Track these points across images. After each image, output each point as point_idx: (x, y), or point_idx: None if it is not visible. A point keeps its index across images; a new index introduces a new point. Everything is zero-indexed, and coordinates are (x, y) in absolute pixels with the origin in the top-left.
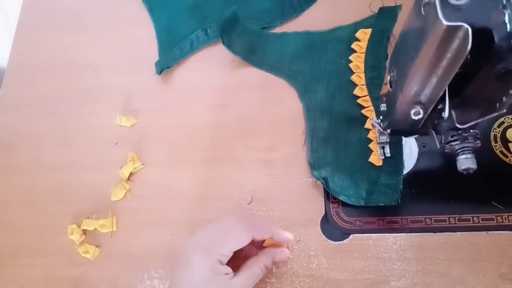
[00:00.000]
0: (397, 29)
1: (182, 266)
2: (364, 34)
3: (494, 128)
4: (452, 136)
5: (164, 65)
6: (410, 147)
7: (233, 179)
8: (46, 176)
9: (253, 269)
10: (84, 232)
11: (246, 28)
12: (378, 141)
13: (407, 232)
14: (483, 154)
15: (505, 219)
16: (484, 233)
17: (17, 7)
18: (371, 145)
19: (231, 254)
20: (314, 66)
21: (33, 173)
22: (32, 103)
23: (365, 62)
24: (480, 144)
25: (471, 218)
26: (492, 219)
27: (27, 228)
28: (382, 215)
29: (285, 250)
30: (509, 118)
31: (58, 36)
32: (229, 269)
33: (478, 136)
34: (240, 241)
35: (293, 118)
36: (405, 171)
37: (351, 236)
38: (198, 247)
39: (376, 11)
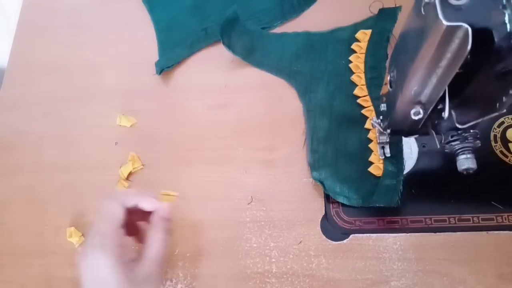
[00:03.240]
0: (397, 29)
1: (86, 269)
2: (364, 35)
3: (494, 128)
4: (452, 136)
5: (164, 65)
6: (410, 147)
7: (233, 179)
8: (46, 176)
9: (154, 245)
10: (83, 234)
11: (246, 28)
12: (378, 141)
13: (407, 232)
14: (483, 154)
15: (505, 219)
16: (484, 233)
17: (17, 7)
18: (371, 145)
19: (119, 232)
20: (314, 67)
21: (33, 173)
22: (32, 103)
23: (365, 62)
24: (480, 144)
25: (471, 218)
26: (492, 219)
27: (27, 228)
28: (382, 215)
29: (166, 204)
30: (509, 118)
31: (58, 36)
32: (133, 255)
33: (478, 136)
34: (117, 216)
35: (293, 118)
36: (405, 171)
37: (351, 236)
38: (87, 245)
39: (376, 12)
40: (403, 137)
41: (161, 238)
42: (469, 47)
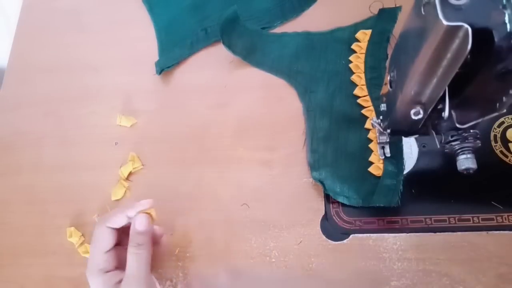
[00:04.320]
0: (397, 29)
1: None
2: (364, 35)
3: (494, 128)
4: (452, 136)
5: (164, 65)
6: (410, 147)
7: (233, 179)
8: (46, 176)
9: (129, 262)
10: (83, 234)
11: (246, 28)
12: (378, 141)
13: (407, 232)
14: (483, 154)
15: (505, 219)
16: (484, 233)
17: (17, 7)
18: (371, 145)
19: (105, 257)
20: (314, 67)
21: (33, 173)
22: (32, 103)
23: (365, 62)
24: (480, 144)
25: (471, 218)
26: (492, 219)
27: (27, 228)
28: (382, 215)
29: (140, 215)
30: (509, 118)
31: (58, 36)
32: (121, 276)
33: (478, 136)
34: (102, 241)
35: (293, 118)
36: (405, 171)
37: (351, 236)
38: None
39: (376, 12)
40: (403, 137)
41: (135, 253)
42: (469, 47)
